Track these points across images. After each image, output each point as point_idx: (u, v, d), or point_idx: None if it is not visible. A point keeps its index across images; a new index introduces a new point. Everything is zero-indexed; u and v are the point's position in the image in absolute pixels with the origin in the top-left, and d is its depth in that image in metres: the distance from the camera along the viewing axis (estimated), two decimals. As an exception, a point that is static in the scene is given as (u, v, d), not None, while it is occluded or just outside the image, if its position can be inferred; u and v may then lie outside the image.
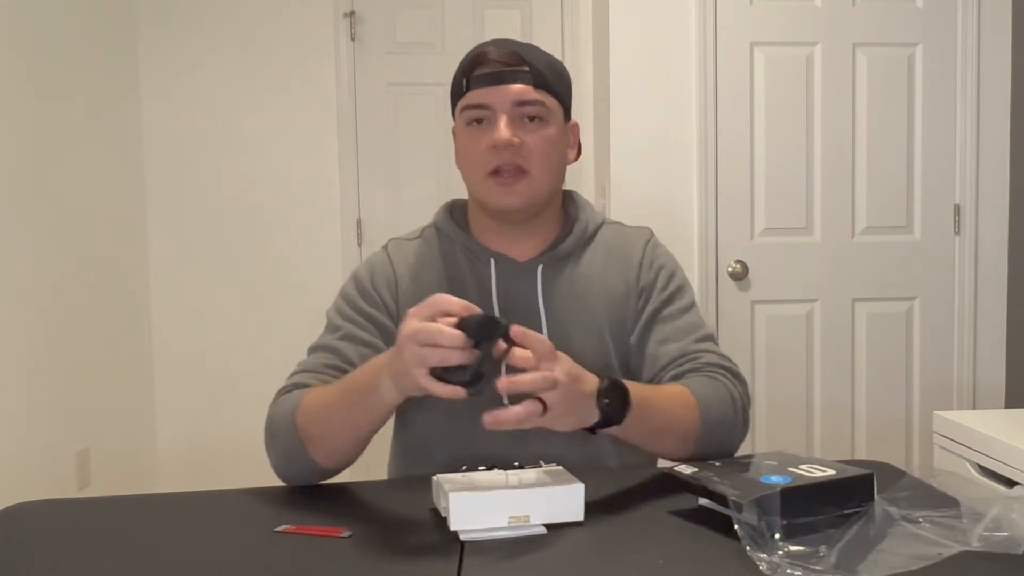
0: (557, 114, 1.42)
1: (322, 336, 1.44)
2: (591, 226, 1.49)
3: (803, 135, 3.20)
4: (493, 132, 1.37)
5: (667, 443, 1.30)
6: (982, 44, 3.19)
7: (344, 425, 1.25)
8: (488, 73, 1.37)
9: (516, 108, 1.37)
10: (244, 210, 3.67)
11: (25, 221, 2.85)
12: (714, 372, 1.39)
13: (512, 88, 1.37)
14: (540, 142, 1.38)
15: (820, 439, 3.26)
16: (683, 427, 1.29)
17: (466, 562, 1.02)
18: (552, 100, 1.40)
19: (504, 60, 1.37)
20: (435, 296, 1.09)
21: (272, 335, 3.61)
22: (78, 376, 3.12)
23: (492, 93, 1.37)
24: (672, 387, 1.34)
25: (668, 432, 1.28)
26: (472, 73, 1.39)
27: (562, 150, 1.44)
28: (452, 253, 1.47)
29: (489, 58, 1.38)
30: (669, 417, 1.28)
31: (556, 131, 1.41)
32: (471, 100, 1.39)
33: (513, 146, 1.36)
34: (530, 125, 1.38)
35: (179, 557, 1.08)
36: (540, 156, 1.38)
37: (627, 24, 3.16)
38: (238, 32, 3.63)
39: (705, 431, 1.30)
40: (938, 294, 3.26)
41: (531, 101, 1.37)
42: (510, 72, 1.37)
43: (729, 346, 3.17)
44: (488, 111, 1.38)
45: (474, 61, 1.39)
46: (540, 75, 1.38)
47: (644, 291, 1.46)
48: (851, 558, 0.97)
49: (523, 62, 1.38)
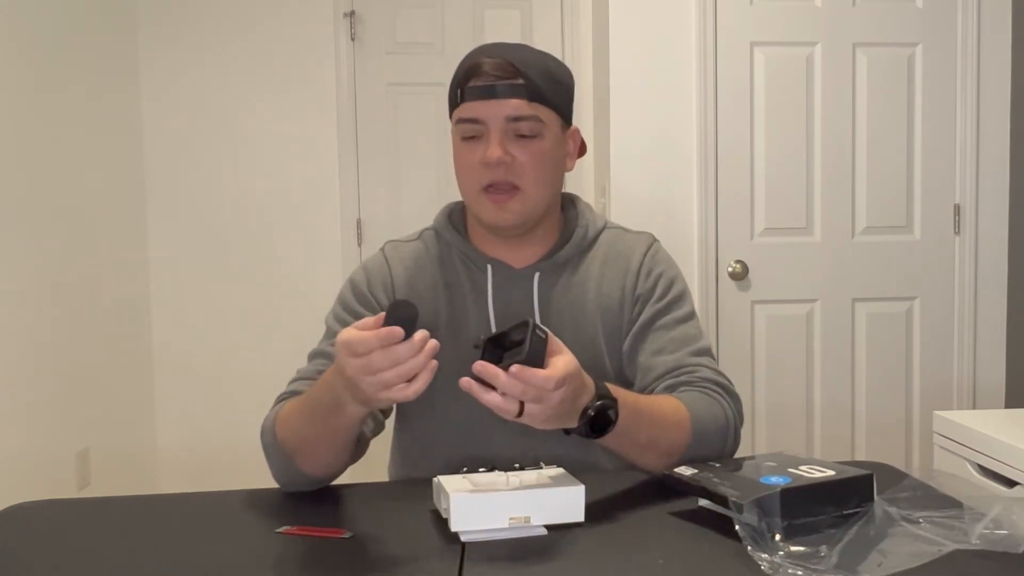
0: (553, 126, 1.38)
1: (321, 342, 1.44)
2: (591, 232, 1.47)
3: (803, 135, 3.20)
4: (485, 149, 1.34)
5: (648, 457, 1.27)
6: (982, 44, 3.19)
7: (318, 439, 1.24)
8: (481, 86, 1.34)
9: (509, 123, 1.34)
10: (244, 210, 3.66)
11: (25, 221, 2.85)
12: (708, 388, 1.36)
13: (505, 103, 1.34)
14: (533, 158, 1.36)
15: (820, 439, 3.26)
16: (669, 443, 1.27)
17: (467, 563, 1.02)
18: (548, 112, 1.37)
19: (498, 72, 1.34)
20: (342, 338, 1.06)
21: (272, 335, 3.61)
22: (78, 376, 3.12)
23: (485, 107, 1.34)
24: (666, 401, 1.31)
25: (652, 447, 1.26)
26: (466, 84, 1.36)
27: (558, 161, 1.41)
28: (450, 257, 1.46)
29: (483, 70, 1.34)
30: (656, 433, 1.26)
31: (551, 144, 1.38)
32: (464, 113, 1.37)
33: (505, 164, 1.34)
34: (523, 140, 1.35)
35: (179, 558, 1.08)
36: (533, 172, 1.36)
37: (627, 24, 3.16)
38: (238, 32, 3.63)
39: (692, 449, 1.28)
40: (938, 294, 3.26)
41: (525, 116, 1.34)
42: (504, 86, 1.33)
43: (729, 346, 3.19)
44: (481, 126, 1.35)
45: (468, 72, 1.36)
46: (535, 88, 1.35)
47: (640, 299, 1.44)
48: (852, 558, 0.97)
49: (517, 74, 1.34)
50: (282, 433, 1.27)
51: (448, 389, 1.40)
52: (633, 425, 1.21)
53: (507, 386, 1.04)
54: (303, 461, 1.27)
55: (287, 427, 1.27)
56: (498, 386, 1.04)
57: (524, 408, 1.06)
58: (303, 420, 1.24)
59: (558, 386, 1.06)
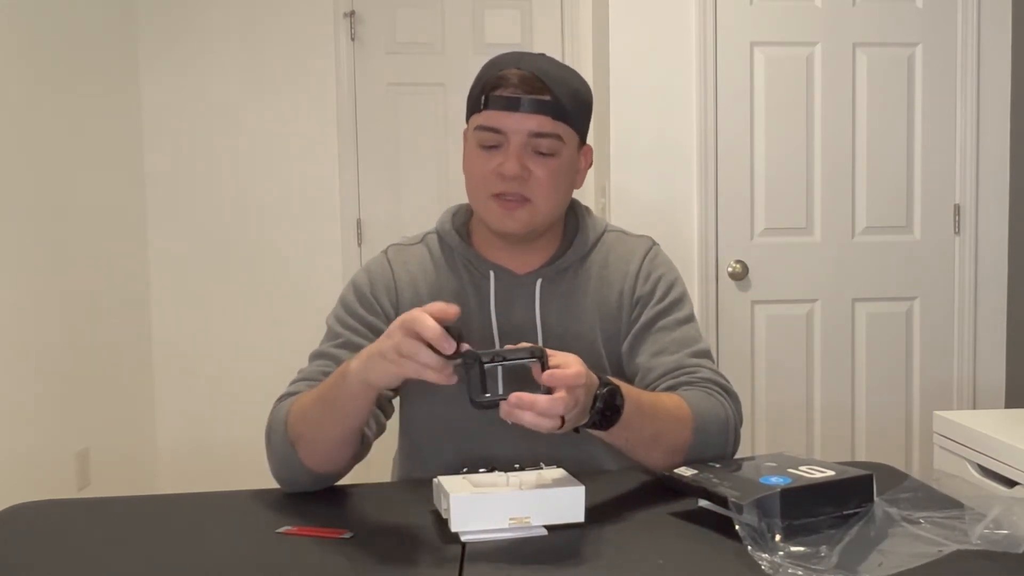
0: (571, 144, 1.39)
1: (322, 343, 1.44)
2: (591, 237, 1.48)
3: (803, 135, 3.20)
4: (503, 160, 1.34)
5: (653, 454, 1.28)
6: (982, 44, 3.19)
7: (321, 423, 1.25)
8: (508, 97, 1.34)
9: (531, 138, 1.34)
10: (244, 210, 3.66)
11: (25, 222, 2.85)
12: (709, 388, 1.37)
13: (530, 118, 1.33)
14: (549, 174, 1.36)
15: (820, 439, 3.26)
16: (673, 439, 1.28)
17: (467, 563, 1.02)
18: (568, 131, 1.37)
19: (526, 86, 1.33)
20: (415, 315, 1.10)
21: (272, 335, 3.61)
22: (78, 376, 3.12)
23: (508, 118, 1.34)
24: (670, 398, 1.32)
25: (656, 443, 1.27)
26: (492, 92, 1.35)
27: (570, 178, 1.42)
28: (452, 262, 1.46)
29: (511, 81, 1.34)
30: (660, 428, 1.27)
31: (567, 161, 1.39)
32: (486, 121, 1.36)
33: (521, 178, 1.35)
34: (541, 156, 1.36)
35: (180, 558, 1.08)
36: (546, 187, 1.37)
37: (627, 24, 3.16)
38: (238, 32, 3.63)
39: (695, 447, 1.29)
40: (938, 294, 3.26)
41: (547, 134, 1.35)
42: (530, 100, 1.33)
43: (729, 346, 3.19)
44: (501, 136, 1.35)
45: (495, 80, 1.35)
46: (560, 106, 1.35)
47: (639, 301, 1.45)
48: (852, 558, 0.98)
49: (545, 90, 1.33)
50: (292, 421, 1.28)
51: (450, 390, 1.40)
52: (638, 418, 1.22)
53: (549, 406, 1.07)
54: (305, 451, 1.27)
55: (297, 413, 1.28)
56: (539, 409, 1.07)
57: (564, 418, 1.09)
58: (313, 402, 1.26)
59: (587, 378, 1.12)
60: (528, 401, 1.06)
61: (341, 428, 1.24)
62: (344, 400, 1.20)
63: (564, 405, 1.07)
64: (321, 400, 1.24)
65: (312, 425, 1.26)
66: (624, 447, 1.27)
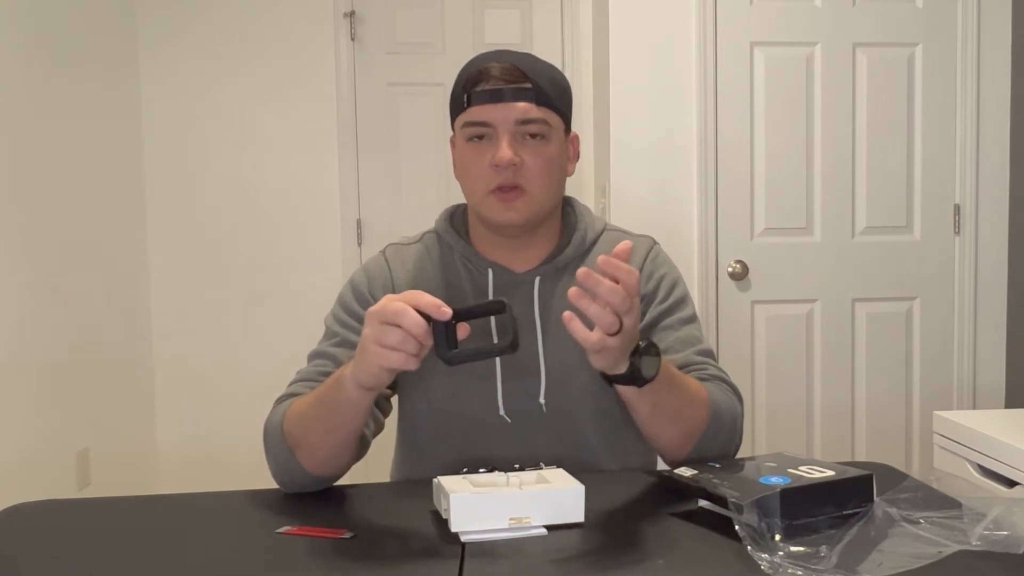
0: (558, 130, 1.40)
1: (320, 343, 1.44)
2: (590, 235, 1.48)
3: (803, 135, 3.20)
4: (495, 151, 1.35)
5: (670, 430, 1.28)
6: (982, 44, 3.19)
7: (318, 427, 1.25)
8: (490, 90, 1.35)
9: (518, 126, 1.36)
10: (244, 210, 3.66)
11: (25, 222, 2.85)
12: (720, 384, 1.38)
13: (514, 106, 1.35)
14: (541, 161, 1.37)
15: (820, 439, 3.26)
16: (691, 420, 1.29)
17: (467, 563, 1.02)
18: (554, 116, 1.39)
19: (506, 77, 1.35)
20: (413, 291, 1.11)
21: (272, 335, 3.61)
22: (78, 376, 3.12)
23: (494, 110, 1.35)
24: (692, 380, 1.32)
25: (676, 420, 1.28)
26: (473, 89, 1.37)
27: (562, 165, 1.43)
28: (451, 260, 1.46)
29: (491, 74, 1.36)
30: (683, 404, 1.27)
31: (557, 148, 1.40)
32: (472, 117, 1.37)
33: (514, 166, 1.35)
34: (531, 143, 1.37)
35: (180, 558, 1.08)
36: (540, 175, 1.37)
37: (627, 24, 3.16)
38: (238, 32, 3.63)
39: (707, 434, 1.30)
40: (938, 294, 3.26)
41: (533, 119, 1.36)
42: (512, 90, 1.35)
43: (729, 346, 3.19)
44: (489, 128, 1.36)
45: (475, 76, 1.37)
46: (543, 92, 1.37)
47: (643, 301, 1.44)
48: (852, 558, 0.98)
49: (525, 78, 1.36)
50: (289, 424, 1.28)
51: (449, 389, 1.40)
52: (667, 386, 1.23)
53: (609, 292, 1.05)
54: (303, 454, 1.27)
55: (294, 417, 1.28)
56: (600, 293, 1.05)
57: (623, 323, 1.07)
58: (310, 406, 1.26)
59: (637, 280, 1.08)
60: (594, 281, 1.05)
61: (340, 433, 1.24)
62: (341, 406, 1.20)
63: (621, 297, 1.05)
64: (319, 405, 1.24)
65: (310, 430, 1.25)
66: (647, 416, 1.26)
